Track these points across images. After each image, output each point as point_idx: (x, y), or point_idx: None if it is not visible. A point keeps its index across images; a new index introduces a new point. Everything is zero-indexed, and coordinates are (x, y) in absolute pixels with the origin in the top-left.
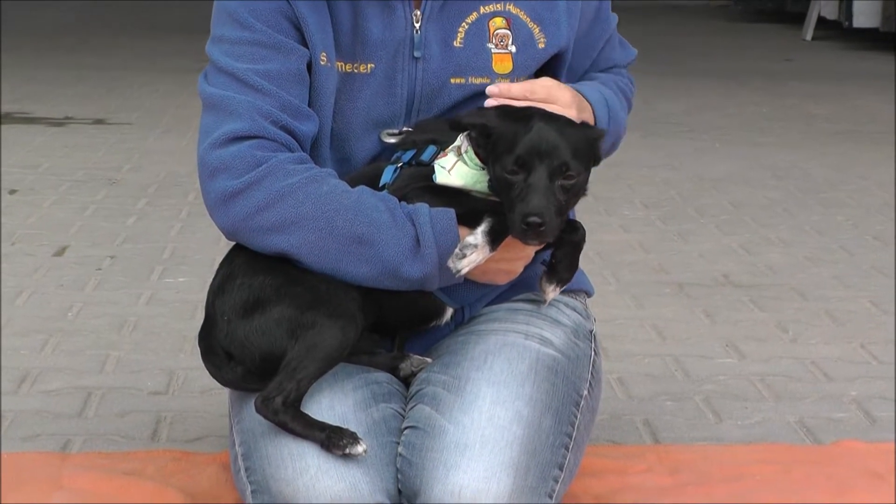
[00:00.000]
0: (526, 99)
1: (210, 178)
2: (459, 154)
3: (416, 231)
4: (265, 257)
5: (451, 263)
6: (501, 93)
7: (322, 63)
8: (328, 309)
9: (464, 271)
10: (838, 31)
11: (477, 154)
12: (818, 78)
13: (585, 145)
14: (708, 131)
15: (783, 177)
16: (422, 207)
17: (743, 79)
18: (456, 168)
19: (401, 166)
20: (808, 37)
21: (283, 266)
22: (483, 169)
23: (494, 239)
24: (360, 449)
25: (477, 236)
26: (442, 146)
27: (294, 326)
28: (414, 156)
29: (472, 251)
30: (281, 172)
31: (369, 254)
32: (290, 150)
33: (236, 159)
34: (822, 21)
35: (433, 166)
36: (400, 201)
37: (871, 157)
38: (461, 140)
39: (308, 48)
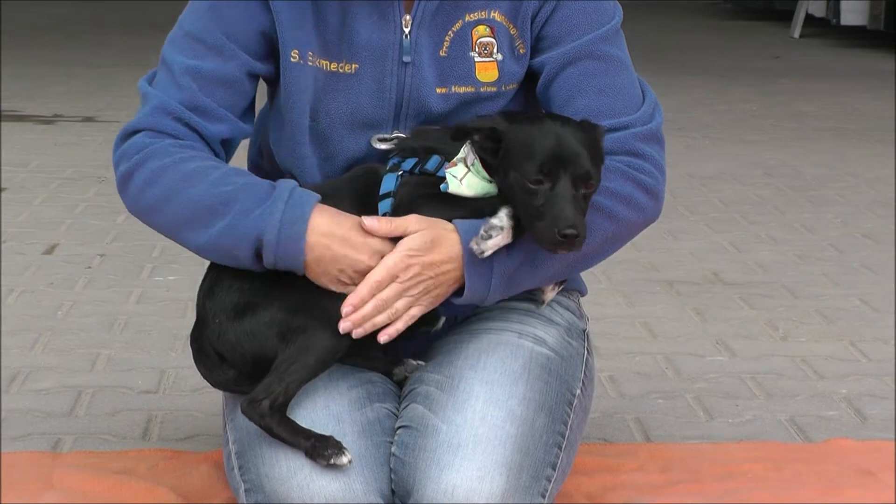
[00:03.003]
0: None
1: (115, 169)
2: (467, 165)
3: (274, 192)
4: None
5: (474, 245)
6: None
7: (292, 60)
8: (319, 312)
9: (487, 253)
10: (826, 28)
11: (482, 162)
12: (807, 75)
13: (596, 147)
14: (698, 129)
15: (773, 174)
16: (289, 183)
17: (732, 77)
18: (467, 178)
19: (401, 174)
20: (797, 34)
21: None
22: (491, 181)
23: (518, 223)
24: (344, 460)
25: (502, 219)
26: (447, 156)
27: (284, 330)
28: (416, 164)
29: (498, 233)
30: (161, 153)
31: (223, 223)
32: (181, 139)
33: (130, 146)
34: (810, 19)
35: (440, 176)
36: (409, 210)
37: (861, 154)
38: (465, 151)
39: (276, 49)
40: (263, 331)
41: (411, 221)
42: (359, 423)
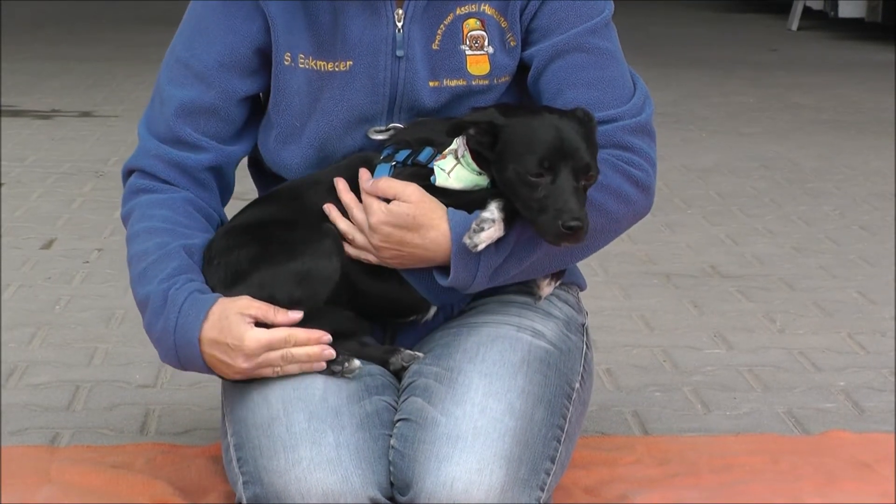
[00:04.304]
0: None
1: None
2: (457, 157)
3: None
4: (238, 233)
5: (467, 239)
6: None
7: (286, 63)
8: (304, 256)
9: (481, 247)
10: (824, 21)
11: (474, 156)
12: (804, 68)
13: (593, 138)
14: (694, 121)
15: (770, 167)
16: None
17: (729, 69)
18: (455, 171)
19: (394, 165)
20: (794, 27)
21: (255, 232)
22: (481, 174)
23: (508, 216)
24: (356, 364)
25: (493, 211)
26: (439, 147)
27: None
28: (409, 156)
29: (490, 226)
30: (134, 216)
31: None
32: (163, 181)
33: (127, 190)
34: (807, 11)
35: (431, 167)
36: None
37: (857, 147)
38: (457, 143)
39: (269, 58)
40: (256, 294)
41: (409, 191)
42: (357, 416)
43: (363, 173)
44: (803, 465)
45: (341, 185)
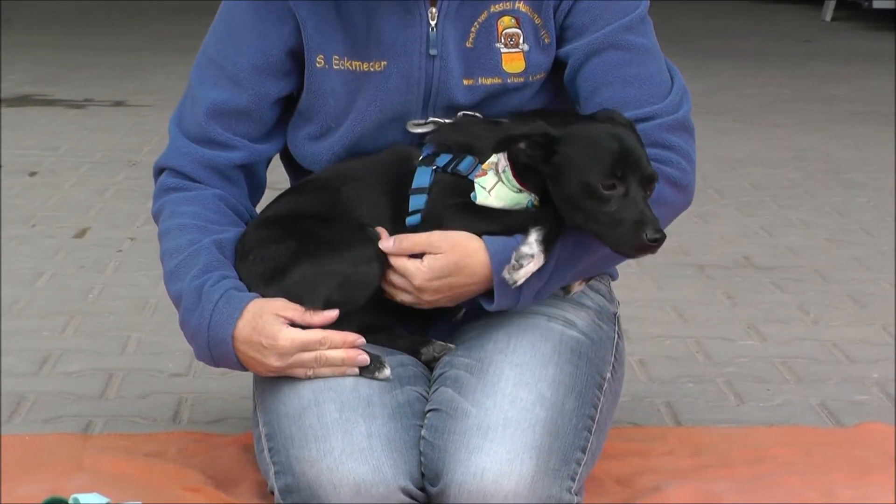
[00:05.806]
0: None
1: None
2: (498, 173)
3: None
4: (272, 226)
5: (506, 275)
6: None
7: (318, 66)
8: (347, 260)
9: (520, 282)
10: (858, 11)
11: (514, 172)
12: (837, 59)
13: (643, 144)
14: (727, 112)
15: (803, 158)
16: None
17: (762, 60)
18: (496, 189)
19: (435, 169)
20: (828, 18)
21: (291, 226)
22: (521, 192)
23: (548, 247)
24: (386, 372)
25: (532, 245)
26: (480, 156)
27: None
28: (450, 162)
29: (529, 261)
30: (165, 214)
31: (178, 314)
32: (193, 179)
33: (158, 188)
34: (841, 2)
35: (470, 180)
36: (437, 221)
37: (891, 138)
38: (498, 157)
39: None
40: (294, 290)
41: (433, 240)
42: (389, 406)
43: (382, 234)
44: (836, 458)
45: (388, 246)
